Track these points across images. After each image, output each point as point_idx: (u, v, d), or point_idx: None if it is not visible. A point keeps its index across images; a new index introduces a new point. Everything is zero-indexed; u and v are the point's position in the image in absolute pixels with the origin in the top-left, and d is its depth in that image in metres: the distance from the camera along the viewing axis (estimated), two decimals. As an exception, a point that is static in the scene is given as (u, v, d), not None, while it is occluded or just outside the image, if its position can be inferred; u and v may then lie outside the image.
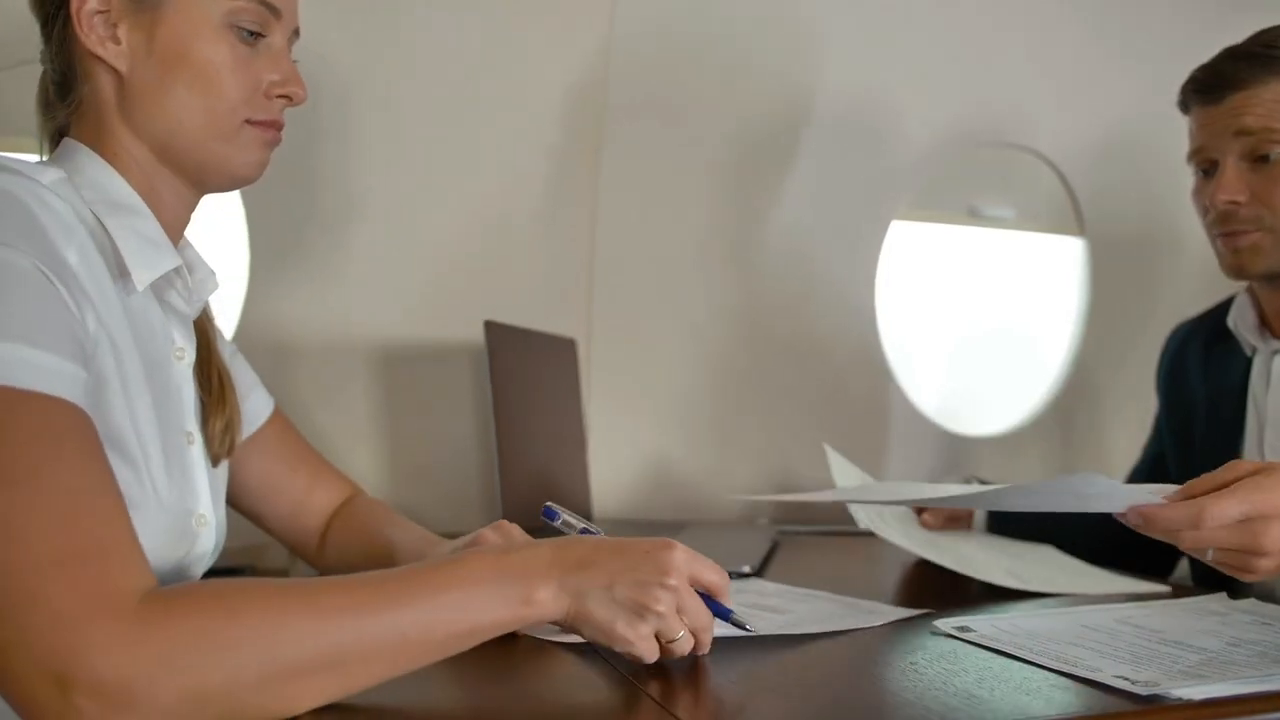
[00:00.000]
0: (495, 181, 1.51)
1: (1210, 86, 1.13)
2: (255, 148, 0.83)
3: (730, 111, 1.62)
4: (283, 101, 0.85)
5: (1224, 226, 1.13)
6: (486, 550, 0.67)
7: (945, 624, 0.83)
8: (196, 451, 0.83)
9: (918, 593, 1.13)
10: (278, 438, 1.02)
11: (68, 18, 0.78)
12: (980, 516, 1.33)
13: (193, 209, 0.86)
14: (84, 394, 0.64)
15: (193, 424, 0.84)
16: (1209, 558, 0.78)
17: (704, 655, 0.71)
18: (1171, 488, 0.80)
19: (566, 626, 0.67)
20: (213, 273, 0.88)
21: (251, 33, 0.81)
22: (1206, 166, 1.16)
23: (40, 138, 0.85)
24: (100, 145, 0.79)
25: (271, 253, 1.38)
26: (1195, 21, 1.77)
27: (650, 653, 0.67)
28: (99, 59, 0.78)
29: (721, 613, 0.72)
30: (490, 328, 1.20)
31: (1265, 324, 1.20)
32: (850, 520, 1.62)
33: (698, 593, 0.69)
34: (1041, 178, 1.86)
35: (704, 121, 1.61)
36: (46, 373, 0.61)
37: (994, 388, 1.97)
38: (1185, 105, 1.18)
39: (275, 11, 0.83)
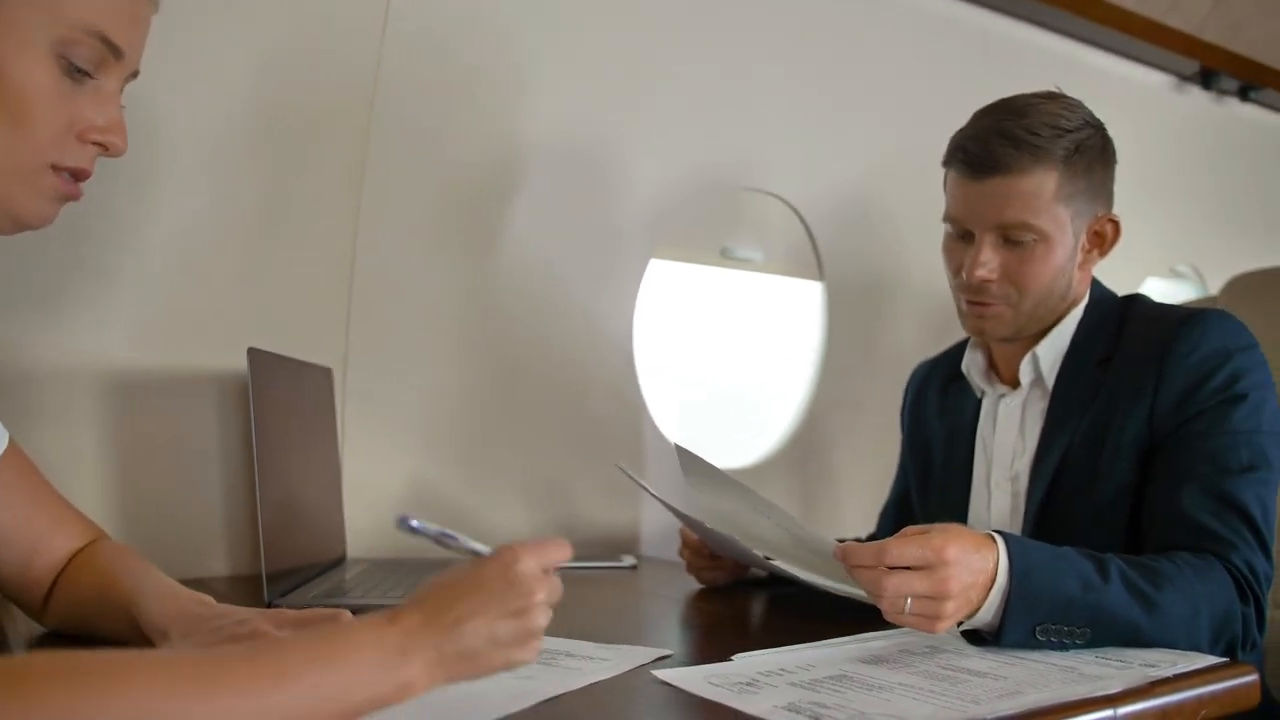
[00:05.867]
0: (247, 199, 1.41)
1: (976, 162, 1.15)
2: (48, 200, 0.75)
3: (491, 141, 1.60)
4: (96, 150, 0.76)
5: (973, 295, 1.20)
6: (363, 621, 0.62)
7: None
8: None
9: (693, 625, 1.16)
10: (15, 477, 0.89)
11: None
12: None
13: None
14: None
15: None
16: (907, 609, 0.86)
17: None
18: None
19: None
20: None
21: (80, 69, 0.72)
22: (961, 232, 1.21)
23: None
24: None
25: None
26: (937, 89, 1.95)
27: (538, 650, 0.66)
28: None
29: None
30: (253, 355, 1.11)
31: (994, 369, 1.31)
32: (614, 556, 1.64)
33: None
34: (789, 223, 1.96)
35: (466, 149, 1.58)
36: None
37: (742, 422, 2.05)
38: (948, 164, 1.21)
39: (116, 52, 0.74)
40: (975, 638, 0.93)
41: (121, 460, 1.30)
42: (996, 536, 0.91)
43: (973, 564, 0.87)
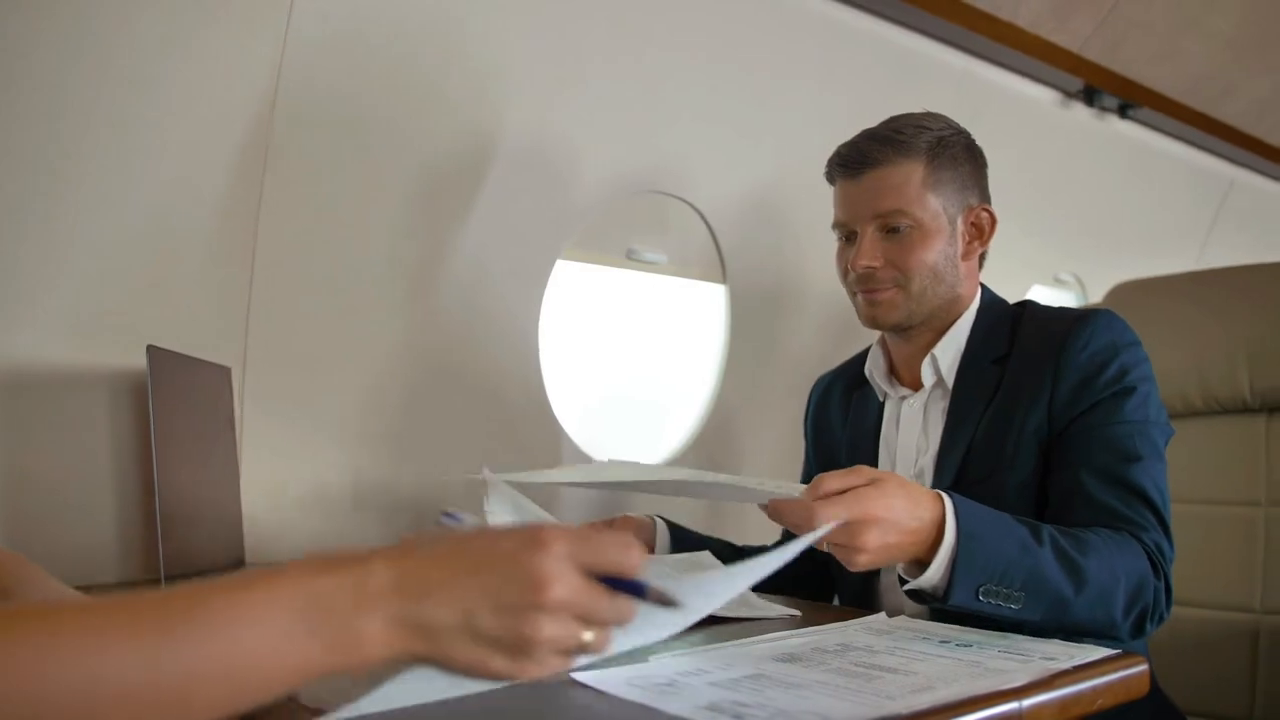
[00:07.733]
0: (145, 192, 1.35)
1: (850, 162, 1.28)
2: None
3: (396, 139, 1.57)
4: None
5: (863, 285, 1.28)
6: (304, 564, 0.49)
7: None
8: None
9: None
10: None
11: None
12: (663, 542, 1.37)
13: None
14: None
15: None
16: (824, 547, 0.91)
17: None
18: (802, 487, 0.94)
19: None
20: None
21: None
22: (848, 235, 1.31)
23: None
24: None
25: None
26: (841, 99, 2.00)
27: (557, 667, 0.53)
28: None
29: (636, 589, 0.55)
30: (153, 353, 1.06)
31: (894, 372, 1.36)
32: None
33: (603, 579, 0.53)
34: (695, 228, 1.98)
35: (371, 145, 1.55)
36: None
37: (648, 422, 2.06)
38: (831, 178, 1.33)
39: None
40: (920, 597, 0.96)
41: (7, 460, 1.24)
42: (944, 496, 0.95)
43: (901, 510, 0.92)
